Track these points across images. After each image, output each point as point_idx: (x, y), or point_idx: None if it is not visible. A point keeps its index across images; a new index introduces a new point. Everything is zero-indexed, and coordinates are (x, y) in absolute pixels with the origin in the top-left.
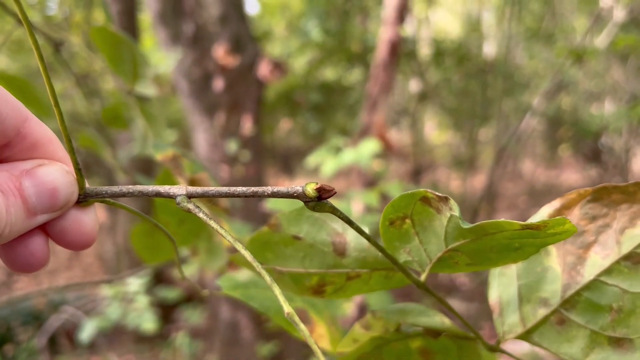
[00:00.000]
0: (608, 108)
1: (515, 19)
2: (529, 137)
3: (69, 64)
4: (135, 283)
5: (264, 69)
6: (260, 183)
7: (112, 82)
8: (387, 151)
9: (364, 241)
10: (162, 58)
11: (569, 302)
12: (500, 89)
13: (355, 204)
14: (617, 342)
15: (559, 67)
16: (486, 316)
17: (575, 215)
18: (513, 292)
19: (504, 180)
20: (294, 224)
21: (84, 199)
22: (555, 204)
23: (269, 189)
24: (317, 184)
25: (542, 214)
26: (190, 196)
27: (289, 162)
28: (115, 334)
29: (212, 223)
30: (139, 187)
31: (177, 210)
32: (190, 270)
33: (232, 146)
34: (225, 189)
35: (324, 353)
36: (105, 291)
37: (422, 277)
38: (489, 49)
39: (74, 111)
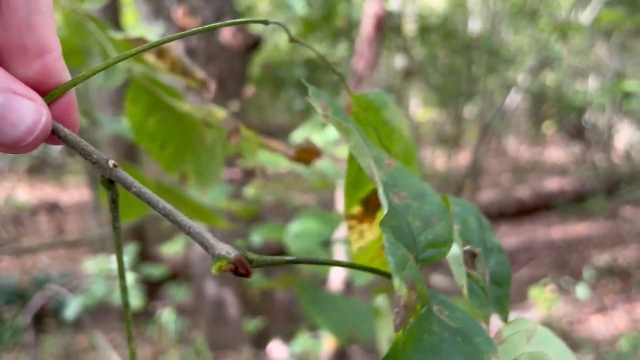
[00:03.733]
0: (592, 84)
1: None
2: (514, 114)
3: None
4: None
5: (226, 33)
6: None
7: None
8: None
9: None
10: (145, 33)
11: None
12: (485, 65)
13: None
14: None
15: (543, 44)
16: None
17: None
18: None
19: (488, 158)
20: None
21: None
22: None
23: (193, 226)
24: (229, 262)
25: None
26: None
27: (274, 138)
28: (100, 312)
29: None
30: None
31: (155, 133)
32: (175, 248)
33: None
34: (147, 191)
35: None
36: (90, 268)
37: None
38: (474, 25)
39: None
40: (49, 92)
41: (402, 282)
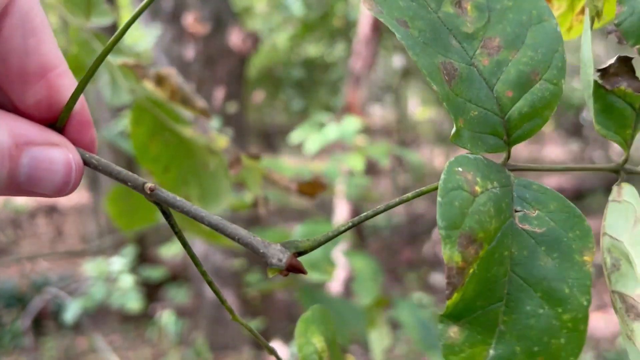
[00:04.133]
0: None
1: None
2: None
3: None
4: (119, 262)
5: (235, 38)
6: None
7: (58, 17)
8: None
9: None
10: (142, 35)
11: None
12: None
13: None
14: None
15: None
16: None
17: None
18: None
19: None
20: None
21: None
22: None
23: (239, 232)
24: (281, 270)
25: None
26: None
27: (272, 139)
28: (99, 314)
29: None
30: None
31: (159, 156)
32: (174, 250)
33: (214, 124)
34: (189, 205)
35: None
36: (89, 271)
37: None
38: None
39: None
40: (61, 109)
41: (455, 249)
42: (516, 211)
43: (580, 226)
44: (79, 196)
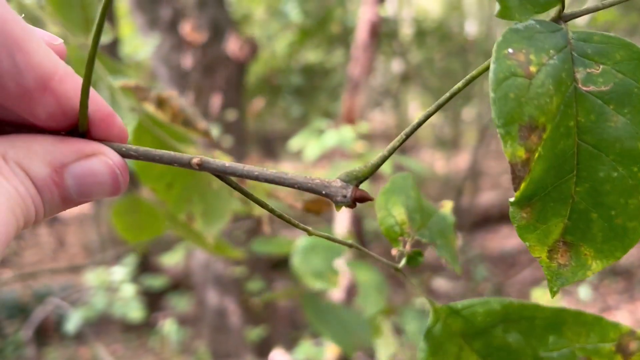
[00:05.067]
0: None
1: None
2: None
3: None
4: (120, 272)
5: (233, 45)
6: None
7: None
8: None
9: None
10: (141, 44)
11: None
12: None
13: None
14: None
15: None
16: (471, 294)
17: None
18: None
19: (487, 159)
20: None
21: None
22: None
23: (298, 179)
24: (349, 204)
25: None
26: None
27: (272, 146)
28: (101, 324)
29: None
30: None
31: (162, 174)
32: (176, 258)
33: (213, 131)
34: (241, 167)
35: None
36: (91, 281)
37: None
38: (470, 27)
39: None
40: (77, 112)
41: (516, 144)
42: (578, 73)
43: None
44: (81, 206)
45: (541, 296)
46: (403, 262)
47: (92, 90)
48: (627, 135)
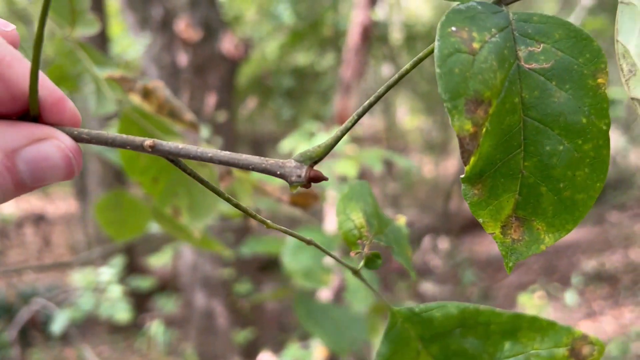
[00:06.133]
0: None
1: None
2: None
3: None
4: (107, 272)
5: (227, 44)
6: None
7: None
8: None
9: None
10: (131, 43)
11: None
12: None
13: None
14: None
15: None
16: (458, 298)
17: None
18: None
19: None
20: None
21: None
22: None
23: (252, 160)
24: (303, 184)
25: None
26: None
27: (262, 148)
28: (88, 325)
29: None
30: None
31: (148, 167)
32: (164, 260)
33: (204, 132)
34: (195, 149)
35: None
36: (77, 281)
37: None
38: None
39: None
40: (27, 97)
41: (463, 118)
42: (520, 52)
43: (590, 48)
44: (67, 205)
45: (527, 301)
46: (362, 264)
47: (42, 75)
48: (570, 109)
